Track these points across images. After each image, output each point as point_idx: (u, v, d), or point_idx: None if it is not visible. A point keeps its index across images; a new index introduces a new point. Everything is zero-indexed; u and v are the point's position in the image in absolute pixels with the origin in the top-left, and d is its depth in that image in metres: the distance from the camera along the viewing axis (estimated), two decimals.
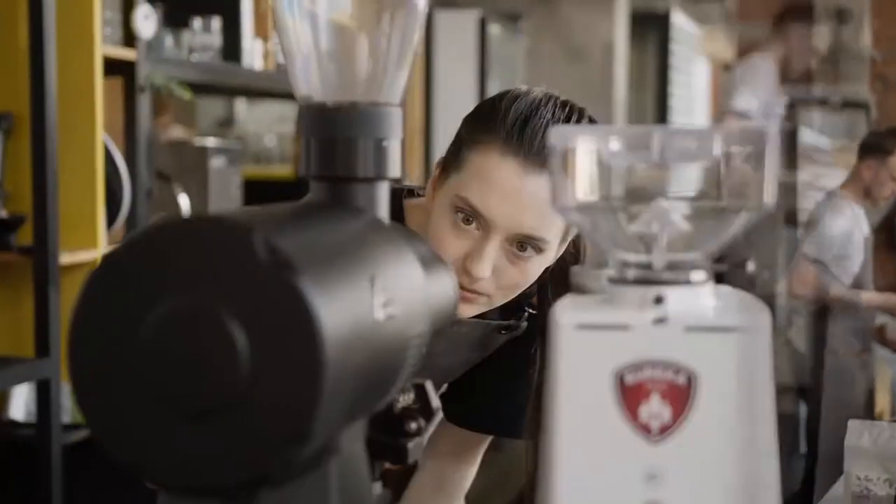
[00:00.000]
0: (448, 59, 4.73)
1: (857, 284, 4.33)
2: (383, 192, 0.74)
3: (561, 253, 1.30)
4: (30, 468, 2.39)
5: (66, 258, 2.36)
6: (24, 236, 2.34)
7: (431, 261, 0.78)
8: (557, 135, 0.65)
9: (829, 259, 4.22)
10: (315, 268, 0.58)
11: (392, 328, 0.65)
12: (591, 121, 1.27)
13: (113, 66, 2.59)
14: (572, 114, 1.24)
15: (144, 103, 2.65)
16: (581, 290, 0.71)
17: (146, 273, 0.57)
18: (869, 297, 4.53)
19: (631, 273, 0.65)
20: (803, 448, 4.21)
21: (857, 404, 4.22)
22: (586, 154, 0.65)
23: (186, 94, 2.77)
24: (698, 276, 0.65)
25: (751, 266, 3.78)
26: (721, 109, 4.42)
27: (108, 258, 0.58)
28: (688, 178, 0.66)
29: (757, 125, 4.31)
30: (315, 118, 0.73)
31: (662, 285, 0.64)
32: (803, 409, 4.46)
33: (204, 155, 3.03)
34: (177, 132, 4.76)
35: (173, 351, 0.57)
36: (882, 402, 4.45)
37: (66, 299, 2.31)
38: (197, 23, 3.01)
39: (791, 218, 4.49)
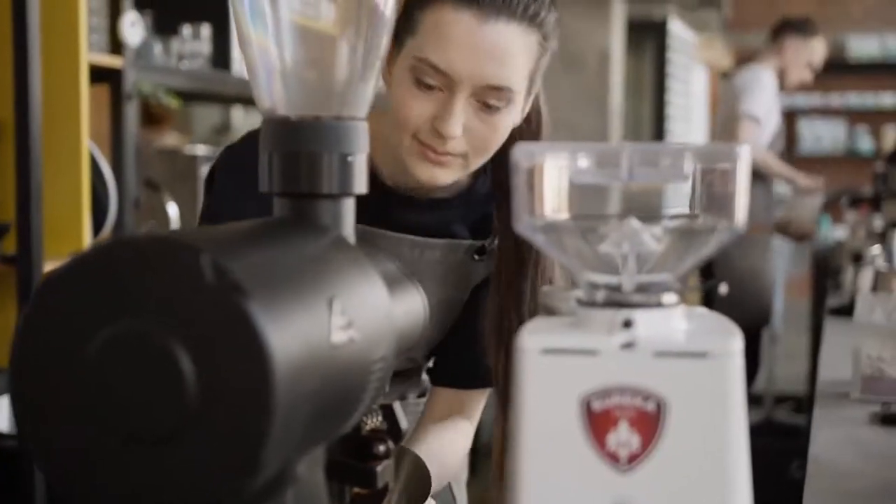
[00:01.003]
0: None
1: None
2: (349, 208, 0.72)
3: (528, 109, 1.29)
4: (14, 479, 2.36)
5: (50, 267, 2.33)
6: (8, 245, 2.32)
7: (398, 280, 0.76)
8: (523, 152, 0.63)
9: (762, 119, 4.25)
10: (267, 290, 0.55)
11: (352, 352, 0.62)
12: None
13: (100, 74, 2.57)
14: None
15: (131, 111, 2.63)
16: (550, 312, 0.69)
17: (91, 294, 0.55)
18: (806, 181, 4.56)
19: (600, 295, 0.63)
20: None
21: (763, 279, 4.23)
22: (554, 172, 0.63)
23: (174, 102, 2.75)
24: (669, 298, 0.63)
25: (723, 288, 3.77)
26: (729, 114, 4.37)
27: (51, 278, 0.56)
28: (659, 197, 0.64)
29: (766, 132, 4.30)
30: (278, 132, 0.71)
31: (632, 308, 0.62)
32: None
33: (194, 163, 3.01)
34: (171, 139, 4.74)
35: (118, 376, 0.54)
36: None
37: None
38: (186, 30, 2.98)
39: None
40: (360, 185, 0.72)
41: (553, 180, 0.63)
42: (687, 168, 0.62)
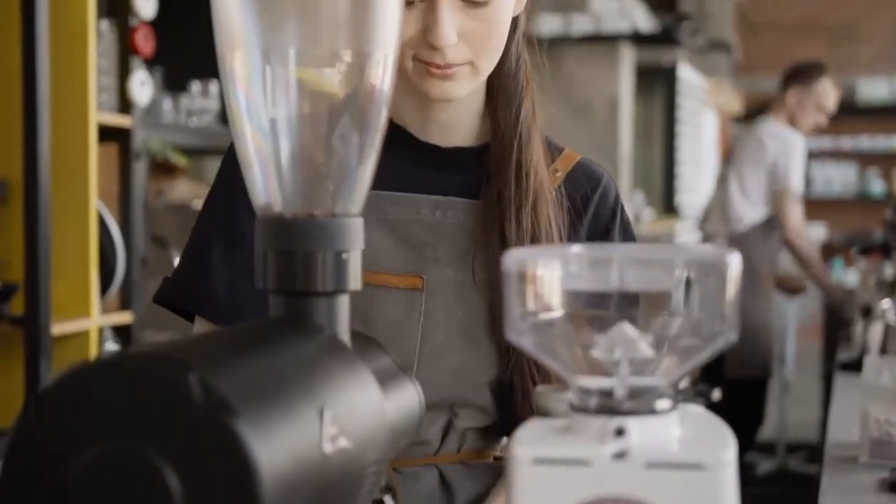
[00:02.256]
0: None
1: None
2: (343, 305, 0.72)
3: None
4: None
5: (58, 328, 2.33)
6: (16, 306, 2.32)
7: (392, 374, 0.75)
8: (513, 259, 0.63)
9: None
10: (255, 406, 0.55)
11: (344, 459, 0.62)
12: None
13: (109, 132, 2.59)
14: None
15: (140, 170, 2.64)
16: (544, 413, 0.68)
17: (79, 413, 0.55)
18: (832, 286, 4.56)
19: (592, 401, 0.63)
20: None
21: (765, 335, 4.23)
22: (544, 277, 0.63)
23: (182, 161, 2.76)
24: (663, 404, 0.62)
25: (716, 394, 3.79)
26: (773, 187, 4.30)
27: (41, 394, 0.56)
28: (652, 303, 0.63)
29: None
30: (273, 230, 0.71)
31: (624, 416, 0.61)
32: None
33: None
34: (183, 187, 4.76)
35: (106, 494, 0.54)
36: None
37: (57, 371, 2.27)
38: (195, 87, 3.00)
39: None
40: (356, 281, 0.72)
41: (544, 286, 0.63)
42: (678, 274, 0.61)
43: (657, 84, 7.13)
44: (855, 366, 2.63)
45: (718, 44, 8.79)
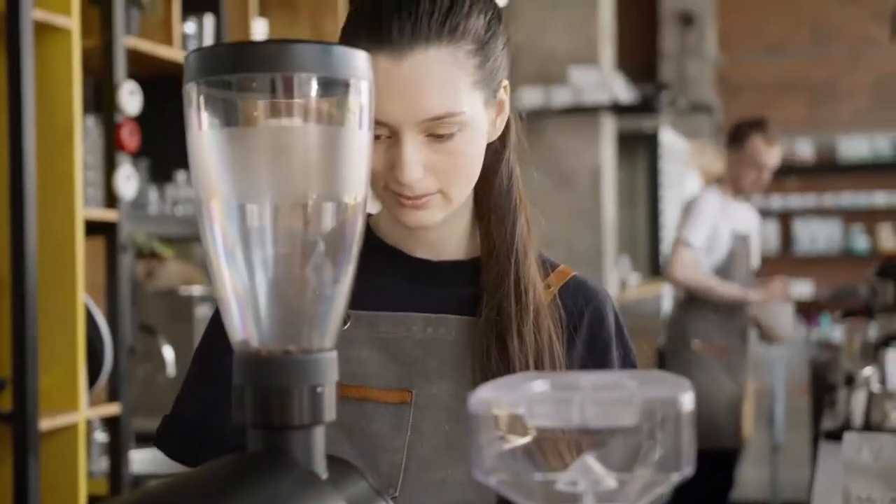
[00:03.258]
0: None
1: (722, 277, 4.38)
2: (319, 437, 0.75)
3: (505, 116, 1.23)
4: None
5: (46, 423, 2.34)
6: (4, 402, 2.33)
7: (367, 499, 0.78)
8: (479, 400, 0.66)
9: (702, 245, 4.31)
10: None
11: None
12: None
13: (96, 226, 2.62)
14: None
15: (126, 262, 2.67)
16: None
17: None
18: (754, 293, 4.51)
19: None
20: None
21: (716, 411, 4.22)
22: (508, 417, 0.66)
23: (167, 252, 2.80)
24: None
25: None
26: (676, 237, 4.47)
27: None
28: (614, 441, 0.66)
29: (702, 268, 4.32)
30: (249, 366, 0.74)
31: None
32: None
33: (190, 304, 3.05)
34: (172, 268, 4.78)
35: None
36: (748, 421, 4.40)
37: (45, 467, 2.30)
38: (181, 176, 3.05)
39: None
40: (330, 413, 0.75)
41: (508, 424, 0.66)
42: (634, 416, 0.64)
43: (639, 149, 7.21)
44: (839, 435, 2.65)
45: (700, 106, 8.91)
